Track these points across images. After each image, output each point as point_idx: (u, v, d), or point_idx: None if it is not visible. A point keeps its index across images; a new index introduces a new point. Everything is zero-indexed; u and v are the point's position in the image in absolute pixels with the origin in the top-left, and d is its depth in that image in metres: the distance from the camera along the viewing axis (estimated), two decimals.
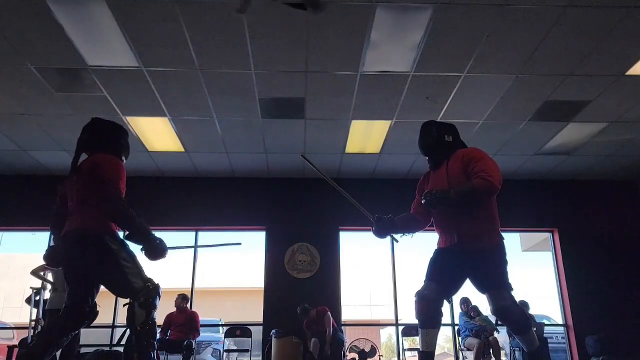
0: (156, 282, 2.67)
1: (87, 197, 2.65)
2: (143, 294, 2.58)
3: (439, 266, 2.84)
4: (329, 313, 6.57)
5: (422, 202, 2.72)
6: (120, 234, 2.74)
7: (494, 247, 2.77)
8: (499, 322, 6.29)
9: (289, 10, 4.00)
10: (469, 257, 2.75)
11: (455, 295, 2.90)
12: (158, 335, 6.78)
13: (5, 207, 7.54)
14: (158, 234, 2.89)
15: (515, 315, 2.77)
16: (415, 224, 3.11)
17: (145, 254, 2.70)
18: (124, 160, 2.87)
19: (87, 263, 2.62)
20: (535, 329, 2.93)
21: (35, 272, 5.79)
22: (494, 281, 2.77)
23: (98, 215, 2.60)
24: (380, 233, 3.09)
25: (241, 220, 7.78)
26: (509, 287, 2.77)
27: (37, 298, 5.82)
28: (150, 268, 2.82)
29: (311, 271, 7.48)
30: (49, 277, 5.81)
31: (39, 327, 5.72)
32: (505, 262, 2.80)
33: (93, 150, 2.80)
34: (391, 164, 7.38)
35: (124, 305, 2.68)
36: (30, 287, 5.98)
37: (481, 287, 2.83)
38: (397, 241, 3.20)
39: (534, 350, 2.81)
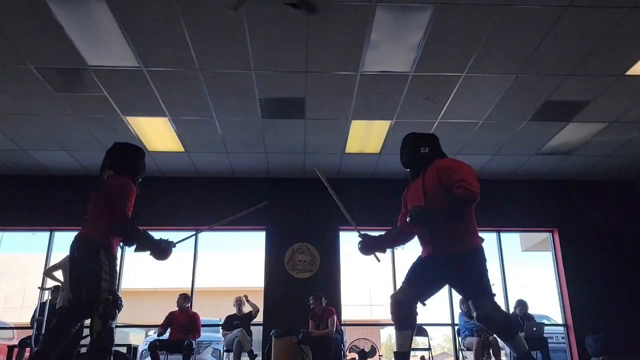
0: (118, 296, 3.03)
1: (97, 213, 3.07)
2: (103, 305, 2.91)
3: (417, 272, 2.90)
4: (335, 316, 6.58)
5: (408, 220, 2.74)
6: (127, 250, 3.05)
7: (472, 254, 2.79)
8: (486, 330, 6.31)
9: (289, 10, 4.01)
10: (448, 265, 2.79)
11: (429, 299, 2.92)
12: (155, 335, 6.84)
13: (5, 207, 7.54)
14: (158, 234, 3.20)
15: (498, 321, 2.76)
16: (404, 237, 3.14)
17: (153, 256, 3.11)
18: (140, 179, 3.32)
19: (79, 266, 3.01)
20: (522, 333, 2.84)
21: (47, 273, 5.86)
22: (474, 288, 2.78)
23: (102, 230, 3.00)
24: (366, 251, 3.13)
25: (241, 220, 7.71)
26: (489, 294, 2.77)
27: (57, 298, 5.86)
28: (151, 268, 3.02)
29: (311, 271, 7.48)
30: (60, 276, 5.83)
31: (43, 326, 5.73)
32: (484, 269, 2.81)
33: (110, 172, 3.20)
34: (391, 164, 7.38)
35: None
36: (50, 287, 6.07)
37: (464, 294, 2.89)
38: (379, 261, 3.19)
39: (523, 355, 2.78)
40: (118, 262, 3.12)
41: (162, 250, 3.09)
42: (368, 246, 3.10)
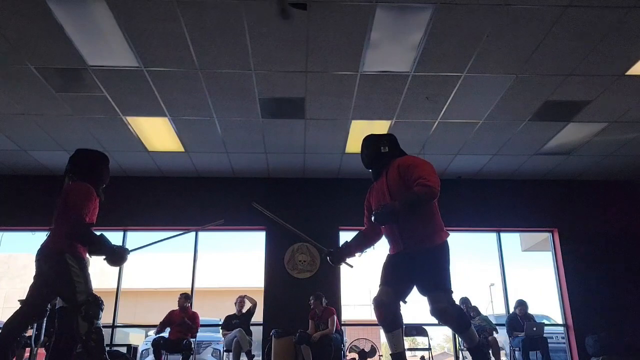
0: (98, 296, 3.07)
1: (58, 220, 3.10)
2: (84, 307, 2.96)
3: (390, 271, 2.94)
4: (335, 316, 6.59)
5: (372, 219, 2.80)
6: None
7: (435, 249, 2.84)
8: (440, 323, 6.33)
9: (289, 11, 4.01)
10: (413, 261, 2.85)
11: (408, 296, 2.97)
12: (154, 335, 6.84)
13: (5, 207, 7.54)
14: (158, 234, 3.12)
15: (452, 317, 2.84)
16: (370, 240, 3.21)
17: (107, 262, 3.11)
18: (103, 185, 3.30)
19: (48, 275, 3.04)
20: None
21: None
22: (434, 283, 2.83)
23: (64, 236, 3.02)
24: (336, 263, 3.23)
25: (241, 220, 7.78)
26: (448, 290, 2.83)
27: None
28: (151, 269, 3.06)
29: (311, 271, 7.48)
30: None
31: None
32: (447, 264, 2.86)
33: (72, 178, 3.22)
34: None
35: (57, 309, 3.15)
36: None
37: (422, 289, 2.90)
38: (351, 266, 3.26)
39: (474, 346, 2.91)
40: (88, 264, 3.14)
41: (116, 256, 3.08)
42: (335, 260, 3.20)
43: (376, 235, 3.17)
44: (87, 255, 3.20)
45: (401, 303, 2.91)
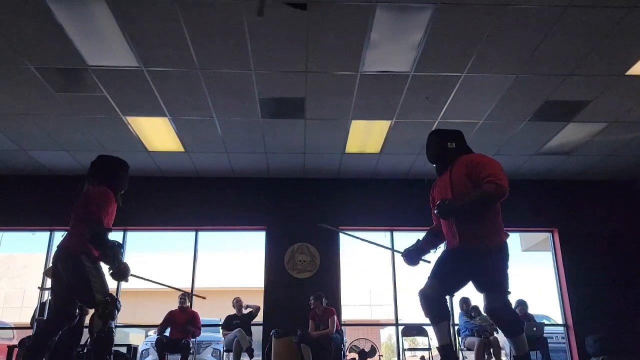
0: (115, 297, 3.16)
1: (75, 222, 3.19)
2: (102, 306, 3.06)
3: (443, 265, 2.93)
4: (335, 316, 6.58)
5: (435, 212, 2.80)
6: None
7: (494, 249, 2.81)
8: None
9: (289, 10, 4.01)
10: (470, 258, 2.82)
11: (457, 292, 3.01)
12: (156, 335, 6.85)
13: (5, 207, 7.54)
14: (158, 234, 3.21)
15: (505, 318, 2.84)
16: (441, 235, 3.16)
17: (111, 275, 3.19)
18: (122, 191, 3.40)
19: (64, 275, 3.12)
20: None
21: (47, 273, 5.85)
22: (491, 282, 2.82)
23: (81, 238, 3.09)
24: (412, 262, 3.20)
25: (241, 220, 7.78)
26: (504, 291, 2.82)
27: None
28: (151, 270, 3.14)
29: (311, 271, 7.48)
30: None
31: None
32: (505, 265, 2.84)
33: (92, 182, 3.31)
34: (391, 164, 7.38)
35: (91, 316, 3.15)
36: (50, 287, 6.06)
37: (479, 286, 2.90)
38: (428, 262, 3.23)
39: (521, 356, 2.83)
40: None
41: (122, 272, 3.15)
42: (412, 258, 3.18)
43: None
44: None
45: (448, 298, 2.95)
